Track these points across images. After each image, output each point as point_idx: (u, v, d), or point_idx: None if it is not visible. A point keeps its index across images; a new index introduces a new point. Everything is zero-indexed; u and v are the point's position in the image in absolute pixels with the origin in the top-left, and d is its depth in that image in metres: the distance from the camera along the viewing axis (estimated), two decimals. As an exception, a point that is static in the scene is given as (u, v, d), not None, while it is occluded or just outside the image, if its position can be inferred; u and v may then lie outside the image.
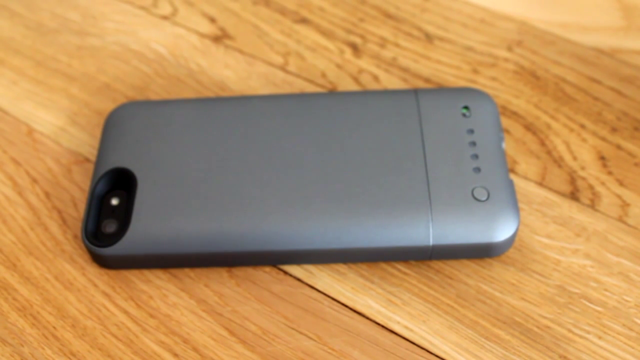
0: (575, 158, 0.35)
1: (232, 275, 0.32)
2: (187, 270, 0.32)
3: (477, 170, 0.32)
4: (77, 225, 0.34)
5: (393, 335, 0.30)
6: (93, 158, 0.36)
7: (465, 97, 0.34)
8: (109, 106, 0.38)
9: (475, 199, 0.31)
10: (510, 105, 0.37)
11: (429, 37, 0.41)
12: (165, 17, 0.43)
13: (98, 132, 0.37)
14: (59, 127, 0.38)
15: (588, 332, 0.30)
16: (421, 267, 0.32)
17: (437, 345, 0.30)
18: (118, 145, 0.34)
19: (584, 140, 0.36)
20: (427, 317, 0.31)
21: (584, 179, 0.34)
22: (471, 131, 0.33)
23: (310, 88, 0.39)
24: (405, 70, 0.39)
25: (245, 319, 0.31)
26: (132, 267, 0.32)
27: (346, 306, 0.31)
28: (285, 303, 0.31)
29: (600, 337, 0.30)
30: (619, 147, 0.36)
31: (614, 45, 0.40)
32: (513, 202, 0.31)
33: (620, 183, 0.34)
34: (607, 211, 0.33)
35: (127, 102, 0.37)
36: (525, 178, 0.35)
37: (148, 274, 0.32)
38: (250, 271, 0.32)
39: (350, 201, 0.31)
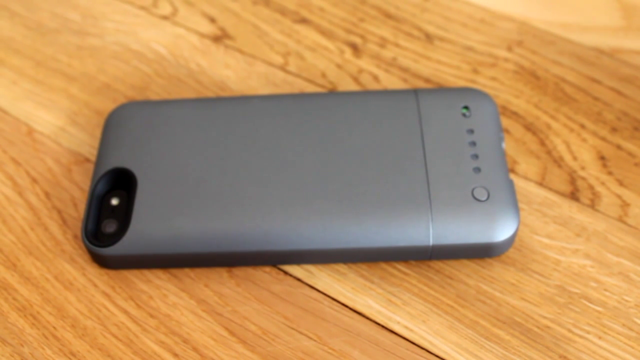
0: (575, 158, 0.35)
1: (232, 275, 0.32)
2: (187, 270, 0.32)
3: (477, 170, 0.32)
4: (77, 225, 0.34)
5: (393, 335, 0.30)
6: (93, 158, 0.36)
7: (465, 97, 0.34)
8: (109, 106, 0.38)
9: (475, 199, 0.31)
10: (510, 105, 0.37)
11: (429, 37, 0.41)
12: (165, 17, 0.43)
13: (98, 132, 0.37)
14: (59, 127, 0.38)
15: (588, 332, 0.30)
16: (421, 267, 0.32)
17: (437, 345, 0.30)
18: (118, 145, 0.34)
19: (584, 140, 0.36)
20: (427, 317, 0.31)
21: (584, 179, 0.34)
22: (471, 131, 0.33)
23: (310, 88, 0.39)
24: (405, 70, 0.39)
25: (245, 319, 0.31)
26: (132, 267, 0.32)
27: (346, 306, 0.31)
28: (285, 303, 0.31)
29: (600, 337, 0.30)
30: (619, 147, 0.36)
31: (614, 45, 0.40)
32: (513, 202, 0.31)
33: (620, 183, 0.34)
34: (607, 211, 0.33)
35: (127, 102, 0.37)
36: (525, 178, 0.35)
37: (148, 274, 0.32)
38: (250, 271, 0.32)
39: (350, 201, 0.31)
